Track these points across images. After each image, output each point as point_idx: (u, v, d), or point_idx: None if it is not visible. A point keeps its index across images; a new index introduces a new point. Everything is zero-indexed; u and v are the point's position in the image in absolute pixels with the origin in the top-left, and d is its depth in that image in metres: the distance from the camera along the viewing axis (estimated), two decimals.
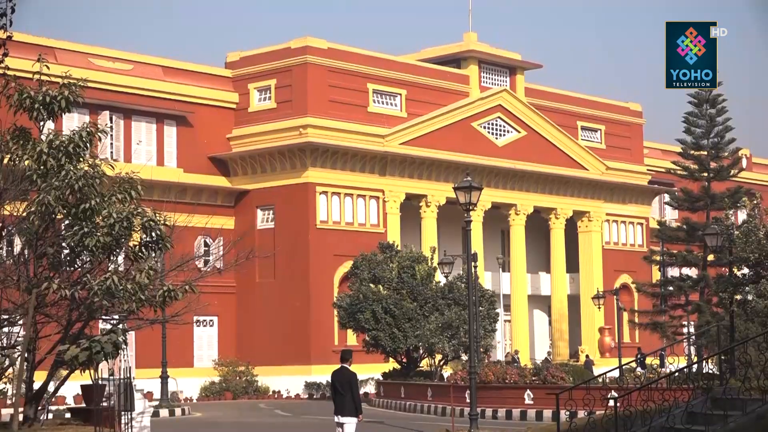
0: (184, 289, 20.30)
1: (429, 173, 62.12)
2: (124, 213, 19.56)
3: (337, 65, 59.42)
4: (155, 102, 57.86)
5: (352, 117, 59.65)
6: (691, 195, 57.49)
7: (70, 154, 19.36)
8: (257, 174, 59.31)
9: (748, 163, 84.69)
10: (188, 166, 58.61)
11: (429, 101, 63.11)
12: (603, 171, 71.64)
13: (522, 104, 67.58)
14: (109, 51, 57.62)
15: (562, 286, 69.98)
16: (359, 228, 59.04)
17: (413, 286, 46.36)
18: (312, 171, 57.45)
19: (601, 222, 71.77)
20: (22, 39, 48.48)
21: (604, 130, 73.63)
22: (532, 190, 67.71)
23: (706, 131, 57.57)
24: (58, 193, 19.03)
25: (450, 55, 66.47)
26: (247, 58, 61.18)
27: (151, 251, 20.49)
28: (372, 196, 59.91)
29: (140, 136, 56.92)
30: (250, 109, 60.45)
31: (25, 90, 19.53)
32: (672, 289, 57.89)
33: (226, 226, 56.19)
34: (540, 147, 68.12)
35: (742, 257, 36.69)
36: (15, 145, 19.64)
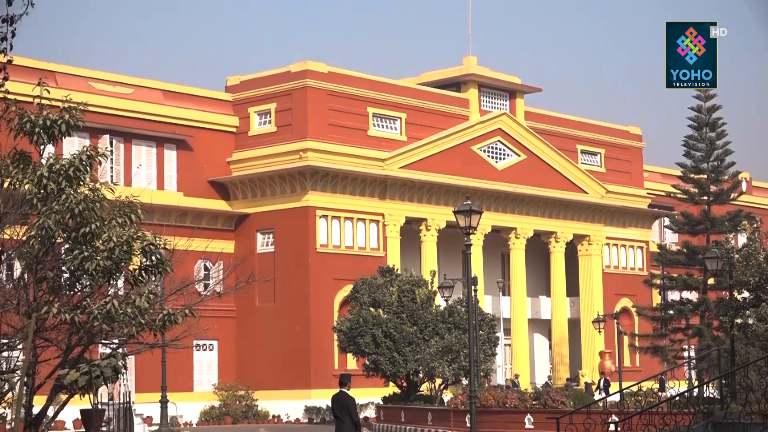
0: (184, 313, 20.25)
1: (429, 197, 62.14)
2: (124, 237, 19.53)
3: (337, 89, 59.50)
4: (155, 126, 57.92)
5: (352, 141, 59.69)
6: (691, 218, 57.47)
7: (71, 178, 19.35)
8: (257, 198, 59.33)
9: (748, 187, 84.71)
10: (188, 189, 58.62)
11: (429, 125, 63.17)
12: (603, 194, 71.66)
13: (522, 128, 67.64)
14: (109, 75, 57.72)
15: (563, 310, 69.90)
16: (359, 252, 59.02)
17: (413, 310, 46.28)
18: (312, 195, 57.46)
19: (601, 245, 71.74)
20: (23, 63, 48.61)
21: (603, 154, 73.66)
22: (532, 213, 67.71)
23: (706, 155, 57.58)
24: (58, 217, 19.01)
25: (450, 79, 66.58)
26: (247, 82, 61.28)
27: (151, 275, 20.45)
28: (372, 220, 59.90)
29: (140, 160, 56.94)
30: (250, 133, 60.51)
31: (25, 114, 19.54)
32: (672, 313, 57.80)
33: (226, 249, 56.14)
34: (540, 170, 68.15)
35: (743, 281, 36.67)
36: (15, 169, 19.62)
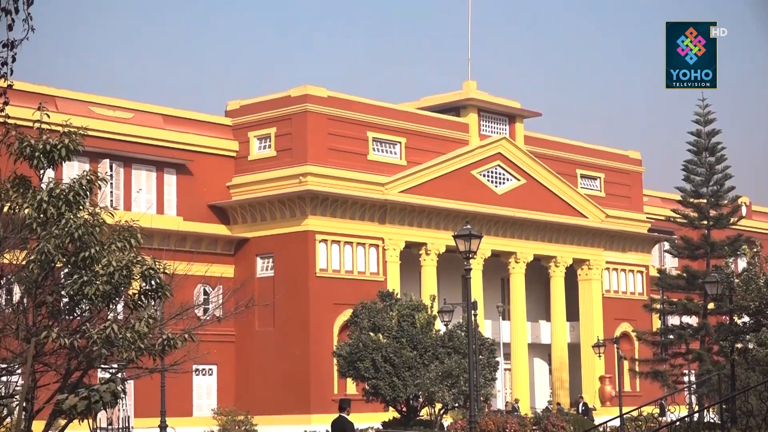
0: (184, 338, 20.21)
1: (429, 221, 62.14)
2: (124, 261, 19.51)
3: (337, 113, 59.59)
4: (155, 150, 57.97)
5: (351, 165, 59.73)
6: (691, 243, 57.48)
7: (70, 203, 19.34)
8: (257, 222, 59.33)
9: (748, 211, 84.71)
10: (188, 214, 58.63)
11: (429, 149, 63.23)
12: (603, 219, 71.66)
13: (521, 152, 67.69)
14: (109, 99, 57.80)
15: (563, 335, 69.80)
16: (359, 276, 58.98)
17: (413, 335, 46.19)
18: (312, 219, 57.47)
19: (601, 270, 71.68)
20: (23, 88, 48.70)
21: (603, 178, 73.70)
22: (531, 238, 67.70)
23: (706, 179, 57.67)
24: (57, 241, 18.99)
25: (449, 104, 66.67)
26: (247, 107, 61.36)
27: (151, 299, 20.42)
28: (372, 244, 59.89)
29: (140, 184, 56.97)
30: (250, 158, 60.55)
31: (25, 138, 19.54)
32: (672, 338, 57.77)
33: (225, 274, 56.12)
34: (539, 195, 68.17)
35: (743, 305, 36.65)
36: (15, 193, 19.62)
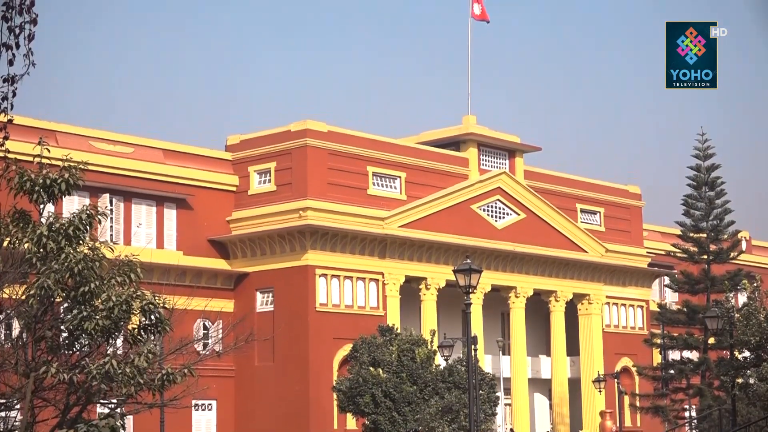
0: (183, 373, 20.16)
1: (429, 256, 62.09)
2: (124, 296, 19.49)
3: (337, 148, 59.64)
4: (155, 185, 57.98)
5: (351, 199, 59.75)
6: (691, 277, 57.48)
7: (70, 237, 19.34)
8: (257, 257, 59.29)
9: (748, 246, 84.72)
10: (188, 248, 58.59)
11: (428, 184, 63.26)
12: (603, 253, 71.61)
13: (521, 187, 67.73)
14: (109, 134, 57.86)
15: (563, 370, 69.63)
16: (359, 311, 58.90)
17: (413, 370, 46.07)
18: (311, 253, 57.42)
19: (601, 305, 71.58)
20: (24, 122, 48.78)
21: (603, 213, 73.71)
22: (531, 272, 67.65)
23: (705, 214, 57.73)
24: (57, 276, 18.98)
25: (449, 138, 66.75)
26: (247, 141, 61.42)
27: (150, 334, 20.38)
28: (371, 279, 59.83)
29: (140, 219, 56.97)
30: (250, 192, 60.57)
31: (25, 173, 19.56)
32: (673, 373, 57.67)
33: (225, 308, 56.00)
34: (539, 229, 68.16)
35: (743, 340, 36.59)
36: (15, 228, 19.63)
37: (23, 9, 11.86)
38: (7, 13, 11.79)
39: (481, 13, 67.55)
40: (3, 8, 11.78)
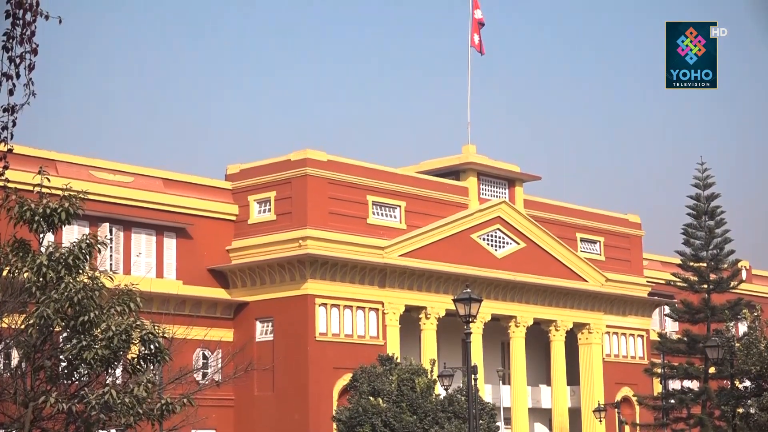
0: (182, 403, 20.13)
1: (428, 285, 62.03)
2: (123, 325, 19.48)
3: (337, 177, 59.66)
4: (155, 214, 57.97)
5: (351, 229, 59.73)
6: (692, 307, 57.40)
7: (70, 267, 19.35)
8: (256, 286, 59.23)
9: (748, 275, 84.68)
10: (187, 278, 58.54)
11: (428, 213, 63.26)
12: (603, 283, 71.55)
13: (521, 216, 67.73)
14: (109, 163, 57.87)
15: (563, 399, 69.46)
16: (358, 340, 58.78)
17: (413, 399, 45.97)
18: (311, 283, 57.36)
19: (601, 334, 71.48)
20: (24, 152, 48.82)
21: (603, 242, 73.68)
22: (531, 302, 67.58)
23: (705, 243, 57.69)
24: (57, 305, 18.98)
25: (449, 167, 66.78)
26: (247, 171, 61.44)
27: (150, 364, 20.36)
28: (371, 308, 59.75)
29: (140, 248, 56.93)
30: (250, 221, 60.55)
31: (25, 202, 19.58)
32: (674, 402, 57.51)
33: (224, 338, 55.92)
34: (539, 259, 68.12)
35: (744, 370, 36.59)
36: (15, 257, 19.63)
37: (24, 39, 11.90)
38: (7, 43, 11.83)
39: (478, 43, 67.78)
40: (3, 38, 11.82)
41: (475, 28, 68.13)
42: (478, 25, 68.10)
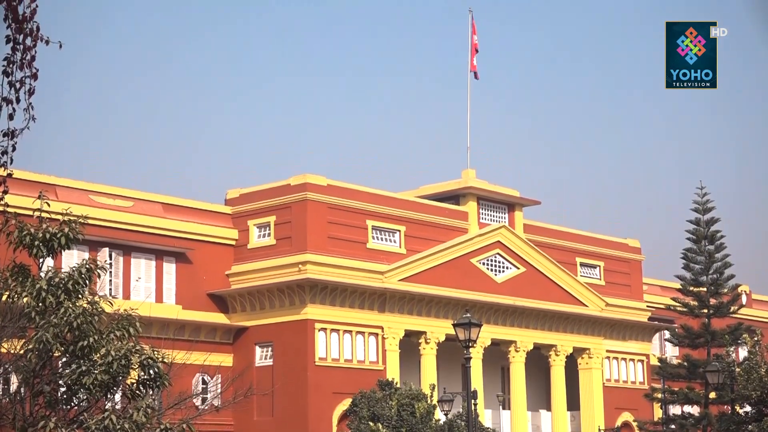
0: (182, 428, 20.07)
1: (428, 310, 61.98)
2: (122, 350, 19.45)
3: (337, 202, 59.68)
4: (155, 239, 57.96)
5: (351, 253, 59.70)
6: (692, 332, 57.36)
7: (69, 291, 19.34)
8: (256, 311, 59.16)
9: (748, 300, 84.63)
10: (187, 302, 58.48)
11: (428, 237, 63.25)
12: (603, 307, 71.49)
13: (521, 240, 67.72)
14: (109, 188, 57.87)
15: (563, 424, 69.29)
16: (358, 365, 58.67)
17: (413, 424, 45.91)
18: (311, 307, 57.30)
19: (601, 359, 71.37)
20: (23, 176, 48.86)
21: (603, 267, 73.66)
22: (531, 326, 67.49)
23: (705, 268, 57.69)
24: (56, 330, 18.95)
25: (449, 192, 66.79)
26: (246, 195, 61.46)
27: (149, 389, 20.32)
28: (371, 333, 59.67)
29: (139, 273, 56.89)
30: (250, 246, 60.54)
31: (25, 227, 19.58)
32: (674, 428, 57.40)
33: (224, 363, 55.85)
34: (539, 283, 68.08)
35: (744, 395, 36.51)
36: (14, 282, 19.62)
37: (24, 64, 11.93)
38: (8, 67, 11.86)
39: (473, 67, 68.14)
40: (4, 63, 11.85)
41: (473, 52, 68.37)
42: (475, 51, 68.38)
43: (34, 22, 11.80)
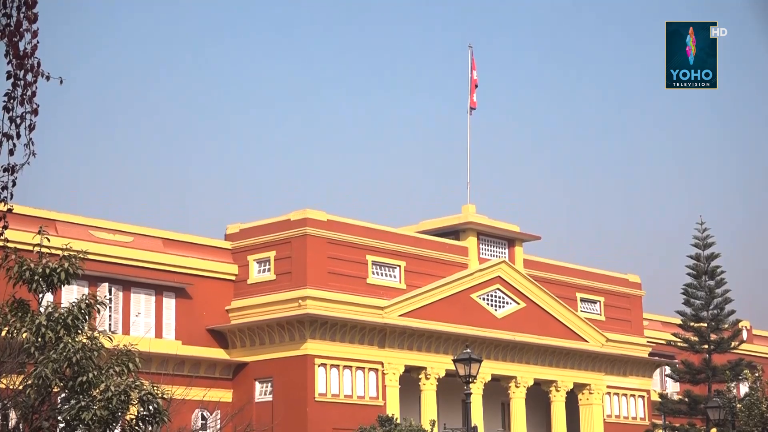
0: None
1: (428, 345, 61.86)
2: (122, 386, 19.41)
3: (337, 237, 59.67)
4: (155, 274, 57.91)
5: (351, 288, 59.65)
6: (693, 367, 57.27)
7: (69, 327, 19.31)
8: (256, 346, 59.05)
9: (749, 335, 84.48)
10: (187, 338, 58.38)
11: (428, 273, 63.21)
12: (603, 343, 71.35)
13: (521, 276, 67.67)
14: (109, 223, 57.87)
15: None
16: (358, 401, 58.52)
17: None
18: (311, 343, 57.20)
19: (602, 395, 71.18)
20: (23, 212, 48.89)
21: (603, 302, 73.57)
22: (532, 362, 67.35)
23: (706, 303, 57.67)
24: (55, 366, 18.91)
25: (449, 227, 66.81)
26: (246, 230, 61.46)
27: (148, 425, 20.26)
28: (371, 369, 59.53)
29: (139, 308, 56.83)
30: (250, 281, 60.49)
31: (24, 262, 19.58)
32: None
33: (223, 398, 55.68)
34: (539, 319, 67.98)
35: (746, 431, 36.39)
36: (13, 317, 19.60)
37: (25, 100, 11.96)
38: (8, 103, 11.89)
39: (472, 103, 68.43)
40: (5, 98, 11.89)
41: (473, 88, 68.63)
42: (474, 86, 68.68)
43: (35, 58, 11.85)
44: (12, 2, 11.65)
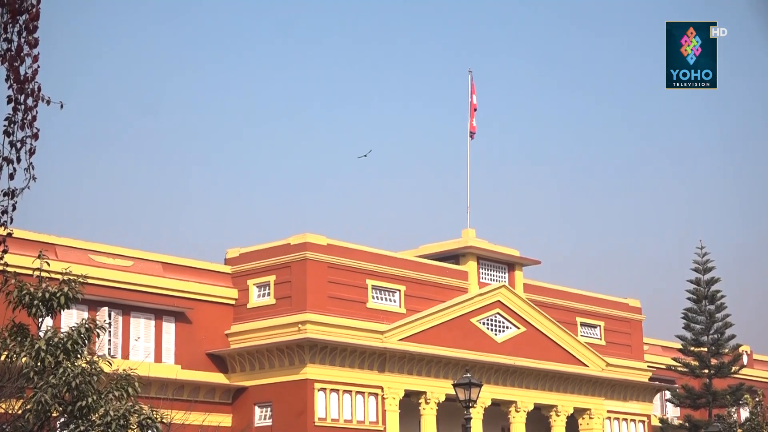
0: None
1: (428, 370, 61.79)
2: (121, 410, 19.39)
3: (337, 261, 59.68)
4: (154, 298, 57.89)
5: (351, 313, 59.61)
6: (693, 392, 57.20)
7: (68, 351, 19.30)
8: (255, 370, 58.98)
9: (749, 360, 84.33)
10: (186, 362, 58.30)
11: (428, 297, 63.19)
12: (603, 367, 71.26)
13: (521, 300, 67.65)
14: (109, 247, 57.86)
15: None
16: (358, 425, 58.41)
17: None
18: (310, 367, 57.13)
19: (602, 419, 71.04)
20: (23, 236, 48.87)
21: (603, 326, 73.51)
22: (532, 386, 67.25)
23: (706, 327, 57.66)
24: (54, 390, 18.89)
25: (449, 252, 66.81)
26: (246, 255, 61.47)
27: None
28: (371, 393, 59.45)
29: (139, 333, 56.77)
30: (249, 305, 60.46)
31: (24, 286, 19.58)
32: None
33: (223, 423, 55.58)
34: (539, 343, 67.92)
35: None
36: (13, 342, 19.59)
37: (25, 124, 11.99)
38: (9, 127, 11.92)
39: (472, 127, 68.56)
40: (5, 123, 11.91)
41: (472, 113, 68.76)
42: (474, 111, 68.83)
43: (36, 82, 11.88)
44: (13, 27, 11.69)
